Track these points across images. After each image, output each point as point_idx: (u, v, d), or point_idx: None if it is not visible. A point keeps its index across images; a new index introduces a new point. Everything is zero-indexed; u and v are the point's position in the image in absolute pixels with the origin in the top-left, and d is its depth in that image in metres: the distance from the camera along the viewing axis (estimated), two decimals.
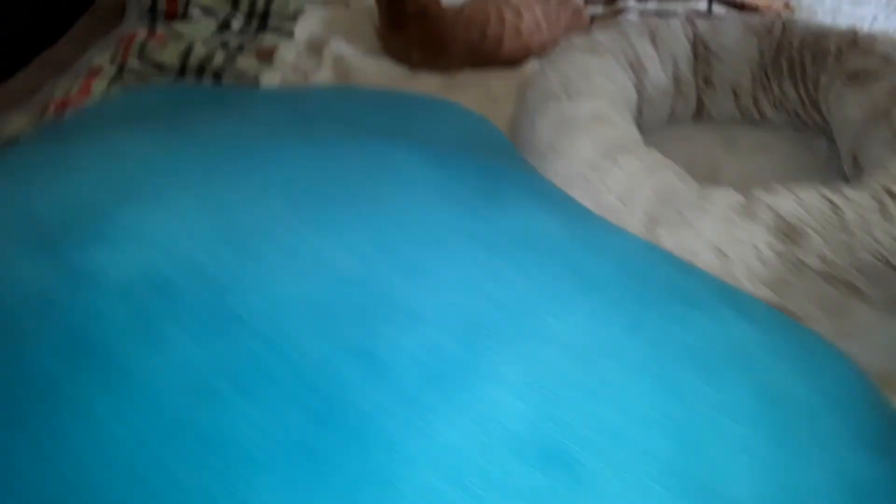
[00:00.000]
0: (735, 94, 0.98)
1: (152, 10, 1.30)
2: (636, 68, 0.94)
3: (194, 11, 1.31)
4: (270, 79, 1.13)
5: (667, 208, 0.66)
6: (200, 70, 1.15)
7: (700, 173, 0.77)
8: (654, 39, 0.97)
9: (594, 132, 0.76)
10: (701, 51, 0.98)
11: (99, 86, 1.09)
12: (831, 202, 0.63)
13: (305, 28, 1.28)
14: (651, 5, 1.38)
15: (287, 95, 0.69)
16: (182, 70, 1.15)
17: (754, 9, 1.38)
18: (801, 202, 0.63)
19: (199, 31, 1.25)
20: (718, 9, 1.36)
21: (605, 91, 0.84)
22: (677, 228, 0.65)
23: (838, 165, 0.92)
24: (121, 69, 1.13)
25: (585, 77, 0.85)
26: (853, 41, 0.89)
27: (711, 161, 0.93)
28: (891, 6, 1.38)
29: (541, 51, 1.24)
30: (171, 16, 1.30)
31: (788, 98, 0.95)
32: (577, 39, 0.96)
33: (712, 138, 0.98)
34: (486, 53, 1.20)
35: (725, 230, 0.63)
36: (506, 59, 1.21)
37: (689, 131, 0.99)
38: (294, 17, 1.31)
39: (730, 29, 0.98)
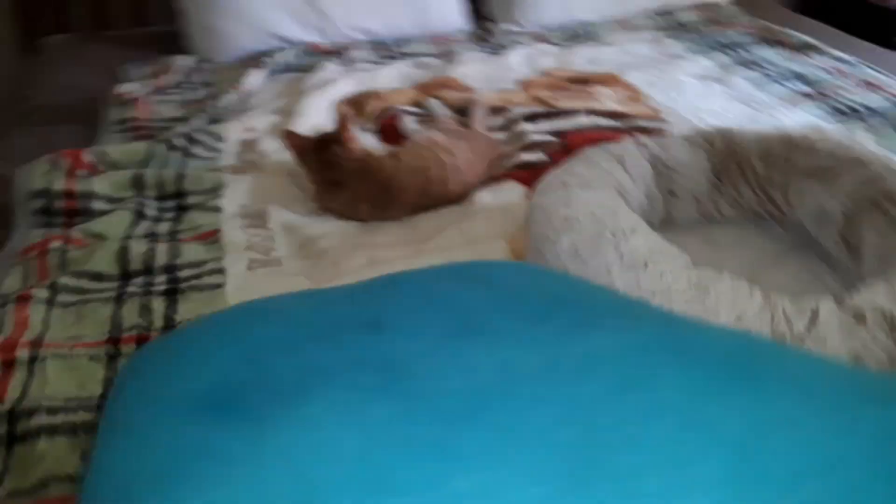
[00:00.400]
0: (697, 200, 1.09)
1: (46, 212, 1.13)
2: (622, 193, 1.01)
3: (96, 204, 1.16)
4: (236, 266, 1.03)
5: (786, 325, 0.71)
6: (148, 271, 1.01)
7: None
8: (623, 165, 1.05)
9: (667, 265, 0.80)
10: (660, 168, 1.07)
11: (37, 313, 0.92)
12: None
13: (233, 201, 1.20)
14: (543, 126, 1.49)
15: (448, 300, 0.63)
16: (125, 275, 1.01)
17: (623, 116, 1.54)
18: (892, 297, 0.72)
19: (116, 225, 1.11)
20: (594, 119, 1.51)
21: (637, 222, 0.88)
22: (806, 344, 0.70)
23: (801, 247, 1.05)
24: (52, 287, 0.96)
25: (612, 213, 0.89)
26: (792, 142, 1.04)
27: (707, 262, 1.01)
28: (728, 96, 1.62)
29: (477, 184, 1.28)
30: (72, 213, 1.14)
31: (743, 197, 1.07)
32: (564, 177, 1.01)
33: (692, 241, 1.06)
34: (434, 195, 1.21)
35: (853, 337, 0.69)
36: (452, 198, 1.23)
37: (669, 238, 1.07)
38: (213, 190, 1.22)
39: (677, 145, 1.09)
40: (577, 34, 2.02)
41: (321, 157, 1.22)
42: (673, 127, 1.44)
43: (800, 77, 1.68)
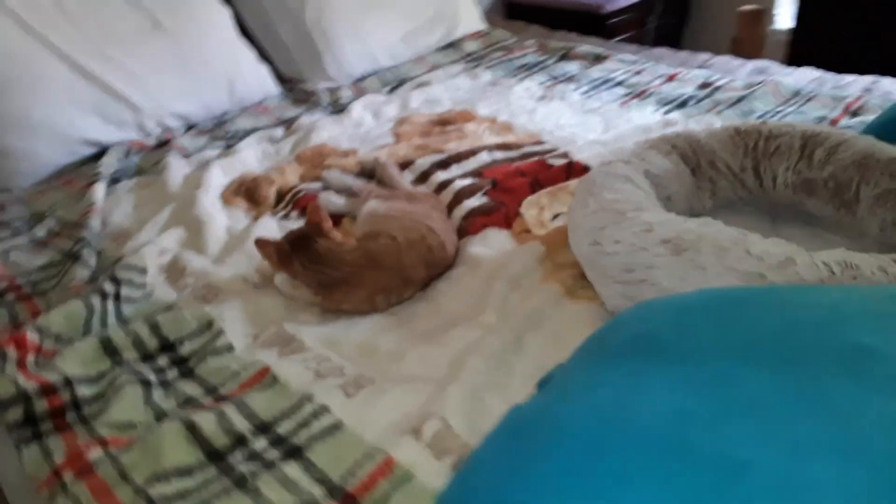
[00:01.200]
0: (687, 199, 1.20)
1: (30, 421, 0.85)
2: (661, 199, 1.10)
3: (82, 390, 0.90)
4: (330, 400, 0.88)
5: (859, 279, 0.85)
6: (240, 442, 0.82)
7: None
8: (634, 183, 1.12)
9: (799, 256, 0.88)
10: (653, 178, 1.16)
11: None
12: None
13: (237, 333, 1.02)
14: (455, 171, 1.49)
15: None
16: (214, 456, 0.80)
17: (513, 146, 1.61)
18: None
19: (134, 407, 0.88)
20: (493, 154, 1.56)
21: (733, 228, 0.95)
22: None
23: (781, 219, 1.21)
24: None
25: (706, 225, 0.95)
26: (744, 132, 1.20)
27: None
28: (574, 110, 1.78)
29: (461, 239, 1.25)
30: (58, 412, 0.87)
31: (720, 187, 1.20)
32: (610, 205, 1.03)
33: None
34: (439, 261, 1.16)
35: None
36: (451, 260, 1.19)
37: None
38: (205, 329, 1.02)
39: (653, 156, 1.18)
40: (395, 80, 2.04)
41: (309, 258, 1.09)
42: (560, 147, 1.55)
43: (612, 83, 1.91)
